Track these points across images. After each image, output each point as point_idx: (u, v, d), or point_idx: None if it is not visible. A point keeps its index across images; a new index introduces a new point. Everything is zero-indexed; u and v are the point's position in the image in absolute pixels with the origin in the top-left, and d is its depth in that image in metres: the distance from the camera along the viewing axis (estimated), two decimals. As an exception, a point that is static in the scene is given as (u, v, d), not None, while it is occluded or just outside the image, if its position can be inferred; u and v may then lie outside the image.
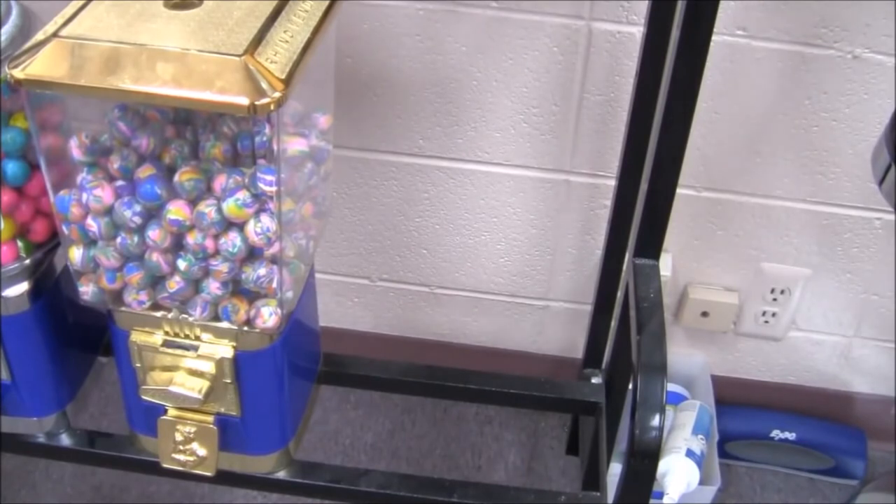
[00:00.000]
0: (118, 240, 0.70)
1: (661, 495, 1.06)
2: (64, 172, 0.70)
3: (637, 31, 0.96)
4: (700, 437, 1.13)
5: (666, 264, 1.12)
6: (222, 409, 0.80)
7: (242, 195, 0.67)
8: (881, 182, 0.70)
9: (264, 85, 0.60)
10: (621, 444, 0.88)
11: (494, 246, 1.17)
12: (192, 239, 0.69)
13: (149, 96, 0.61)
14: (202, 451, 0.81)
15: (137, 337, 0.77)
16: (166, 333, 0.77)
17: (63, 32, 0.63)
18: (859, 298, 1.15)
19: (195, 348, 0.77)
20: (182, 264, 0.70)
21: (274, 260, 0.70)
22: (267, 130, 0.65)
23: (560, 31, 0.97)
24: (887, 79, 0.96)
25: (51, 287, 0.81)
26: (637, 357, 0.79)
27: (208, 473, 0.83)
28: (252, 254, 0.71)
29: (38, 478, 1.20)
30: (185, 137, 0.70)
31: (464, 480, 1.07)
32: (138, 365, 0.78)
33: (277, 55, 0.63)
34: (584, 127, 1.04)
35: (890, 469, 1.25)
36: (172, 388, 0.76)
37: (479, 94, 1.03)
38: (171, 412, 0.80)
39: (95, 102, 0.69)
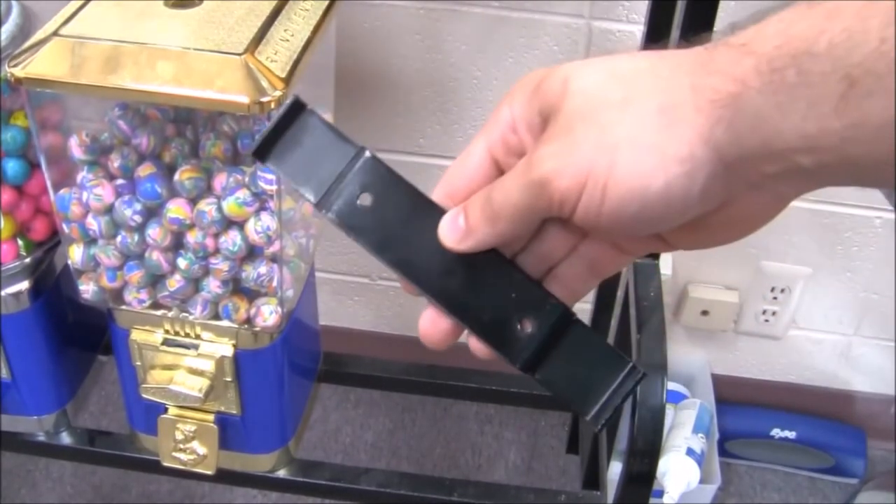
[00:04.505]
0: (118, 238, 0.70)
1: (661, 494, 1.06)
2: (64, 171, 0.70)
3: (637, 31, 0.96)
4: (700, 435, 1.13)
5: (666, 263, 1.12)
6: (222, 408, 0.80)
7: (243, 194, 0.67)
8: (881, 181, 0.70)
9: (264, 83, 0.60)
10: (621, 443, 0.88)
11: (494, 245, 1.17)
12: (192, 237, 0.69)
13: (149, 95, 0.61)
14: (202, 450, 0.81)
15: (138, 335, 0.77)
16: (166, 332, 0.77)
17: (63, 31, 0.63)
18: (859, 297, 1.15)
19: (195, 347, 0.77)
20: (182, 263, 0.70)
21: (274, 258, 0.70)
22: (267, 129, 0.65)
23: (560, 30, 0.97)
24: (887, 78, 0.96)
25: (51, 286, 0.81)
26: (637, 356, 0.79)
27: (208, 472, 0.83)
28: (252, 252, 0.71)
29: (38, 476, 1.21)
30: (186, 136, 0.70)
31: (464, 479, 1.07)
32: (138, 363, 0.78)
33: (278, 54, 0.63)
34: (585, 126, 1.04)
35: (890, 468, 1.25)
36: (173, 387, 0.76)
37: (480, 93, 1.03)
38: (172, 411, 0.80)
39: (96, 101, 0.69)
